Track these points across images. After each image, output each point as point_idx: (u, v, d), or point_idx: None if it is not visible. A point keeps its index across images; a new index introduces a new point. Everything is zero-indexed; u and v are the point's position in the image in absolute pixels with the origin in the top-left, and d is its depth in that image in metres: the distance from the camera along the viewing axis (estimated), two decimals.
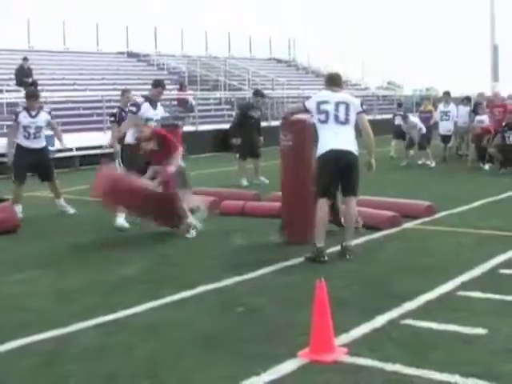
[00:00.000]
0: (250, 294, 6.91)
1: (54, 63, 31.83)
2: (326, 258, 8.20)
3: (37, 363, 5.23)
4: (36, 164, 12.22)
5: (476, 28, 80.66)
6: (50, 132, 13.40)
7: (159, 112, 11.35)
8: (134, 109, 11.05)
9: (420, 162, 19.47)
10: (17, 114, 12.15)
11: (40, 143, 12.27)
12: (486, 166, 18.05)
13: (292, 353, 5.22)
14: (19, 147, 12.20)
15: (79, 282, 7.58)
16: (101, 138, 19.60)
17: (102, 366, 5.15)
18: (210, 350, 5.42)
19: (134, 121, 10.96)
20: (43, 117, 12.24)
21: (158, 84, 11.53)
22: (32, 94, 12.58)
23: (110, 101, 25.06)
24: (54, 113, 23.14)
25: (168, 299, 6.80)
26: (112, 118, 13.31)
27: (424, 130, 19.26)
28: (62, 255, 9.01)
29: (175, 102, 29.74)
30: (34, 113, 12.11)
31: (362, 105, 9.21)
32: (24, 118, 11.97)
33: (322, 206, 8.45)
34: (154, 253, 9.00)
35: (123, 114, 12.48)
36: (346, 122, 8.52)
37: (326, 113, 8.55)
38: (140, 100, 11.29)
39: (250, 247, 9.20)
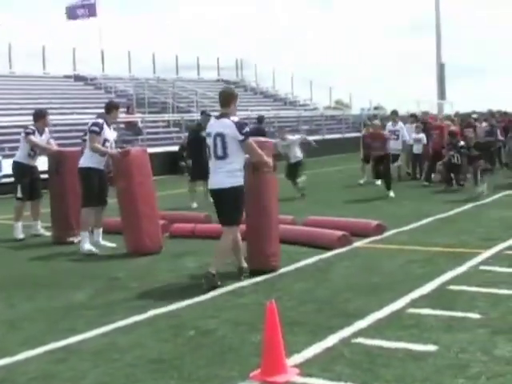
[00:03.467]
0: (201, 317, 6.87)
1: None
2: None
3: None
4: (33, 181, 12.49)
5: (424, 46, 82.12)
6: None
7: (114, 134, 11.27)
8: (96, 129, 10.78)
9: (362, 182, 19.58)
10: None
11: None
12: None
13: (244, 374, 5.20)
14: (22, 165, 12.43)
15: (27, 310, 7.46)
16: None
17: None
18: (161, 373, 5.36)
19: (96, 141, 10.73)
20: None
21: (117, 105, 11.49)
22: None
23: (56, 125, 24.83)
24: (0, 138, 23.01)
25: (118, 324, 6.73)
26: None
27: (300, 157, 17.39)
28: (9, 282, 8.87)
29: (123, 125, 29.59)
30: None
31: (242, 127, 8.27)
32: None
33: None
34: (105, 277, 8.91)
35: None
36: (225, 156, 8.24)
37: (209, 148, 8.37)
38: (100, 120, 10.96)
39: (201, 269, 9.13)
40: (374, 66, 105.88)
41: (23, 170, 12.41)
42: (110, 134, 11.00)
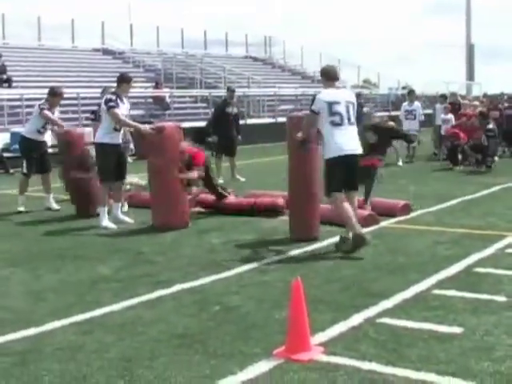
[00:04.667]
0: (226, 293, 6.88)
1: (28, 60, 31.57)
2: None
3: (11, 362, 5.16)
4: (42, 155, 12.61)
5: (453, 27, 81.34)
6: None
7: (128, 107, 11.16)
8: (113, 104, 10.60)
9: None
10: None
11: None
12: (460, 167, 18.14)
13: (268, 351, 5.21)
14: (31, 141, 12.48)
15: (53, 281, 7.53)
16: None
17: (77, 364, 5.10)
18: (186, 348, 5.38)
19: (120, 115, 10.60)
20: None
21: (128, 79, 11.23)
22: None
23: (85, 98, 24.92)
24: (28, 110, 23.12)
25: (144, 298, 6.76)
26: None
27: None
28: (35, 254, 8.93)
29: (151, 100, 29.64)
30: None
31: None
32: None
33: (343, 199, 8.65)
34: (130, 251, 8.95)
35: None
36: (354, 122, 8.68)
37: (340, 115, 8.53)
38: (112, 96, 10.70)
39: (225, 245, 9.17)
40: (402, 46, 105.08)
41: (31, 146, 12.45)
42: (124, 108, 10.87)
